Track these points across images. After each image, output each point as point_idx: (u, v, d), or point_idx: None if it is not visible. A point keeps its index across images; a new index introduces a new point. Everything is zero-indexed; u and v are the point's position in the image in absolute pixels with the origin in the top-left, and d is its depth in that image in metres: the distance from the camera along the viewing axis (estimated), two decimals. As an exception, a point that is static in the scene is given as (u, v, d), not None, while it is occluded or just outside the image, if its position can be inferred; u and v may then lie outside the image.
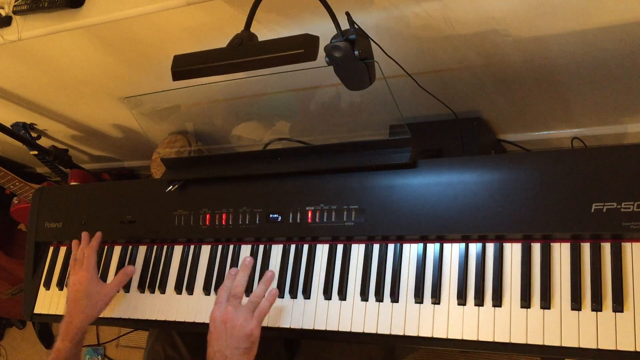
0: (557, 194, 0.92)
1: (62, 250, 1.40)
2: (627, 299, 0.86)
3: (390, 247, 1.04)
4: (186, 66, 0.92)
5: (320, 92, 1.38)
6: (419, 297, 0.99)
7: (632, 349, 0.83)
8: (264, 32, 1.14)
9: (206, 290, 1.17)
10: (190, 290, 1.19)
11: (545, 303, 0.90)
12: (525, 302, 0.92)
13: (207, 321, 1.14)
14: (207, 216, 1.20)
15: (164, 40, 1.25)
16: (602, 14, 1.01)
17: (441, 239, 1.01)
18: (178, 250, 1.24)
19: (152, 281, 1.24)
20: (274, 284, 1.09)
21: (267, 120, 1.53)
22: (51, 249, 1.41)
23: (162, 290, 1.22)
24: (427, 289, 0.99)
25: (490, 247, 0.97)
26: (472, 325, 0.94)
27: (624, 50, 1.12)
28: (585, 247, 0.91)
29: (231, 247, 1.19)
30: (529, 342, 0.89)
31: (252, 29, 0.92)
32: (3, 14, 1.28)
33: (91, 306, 1.14)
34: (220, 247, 1.20)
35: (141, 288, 1.25)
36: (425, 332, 0.96)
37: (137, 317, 1.22)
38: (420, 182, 1.02)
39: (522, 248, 0.95)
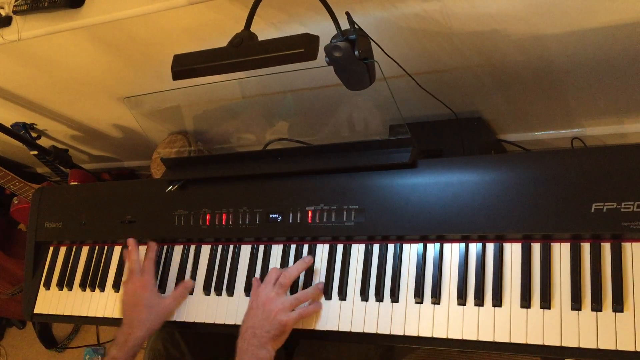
0: (557, 194, 0.92)
1: (62, 250, 1.40)
2: (627, 299, 0.86)
3: (390, 247, 1.04)
4: (186, 66, 0.92)
5: (320, 92, 1.38)
6: (419, 297, 0.99)
7: (632, 349, 0.83)
8: (264, 31, 1.14)
9: (206, 290, 1.17)
10: (190, 291, 1.19)
11: (545, 303, 0.90)
12: (525, 302, 0.92)
13: (207, 321, 1.15)
14: (207, 216, 1.20)
15: (164, 40, 1.25)
16: (602, 14, 1.01)
17: (441, 239, 1.01)
18: (178, 250, 1.24)
19: (152, 281, 1.24)
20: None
21: (267, 120, 1.54)
22: (51, 249, 1.41)
23: (162, 290, 1.22)
24: (427, 289, 0.99)
25: (490, 247, 0.97)
26: (472, 325, 0.94)
27: (624, 50, 1.12)
28: (585, 247, 0.91)
29: (231, 247, 1.19)
30: (529, 342, 0.89)
31: (252, 29, 0.92)
32: (3, 14, 1.28)
33: (152, 320, 1.13)
34: (220, 247, 1.20)
35: (141, 288, 1.24)
36: (425, 332, 0.96)
37: (137, 317, 1.22)
38: (420, 182, 1.02)
39: (522, 248, 0.95)
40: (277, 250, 1.14)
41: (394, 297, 1.01)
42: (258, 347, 0.97)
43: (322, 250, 1.10)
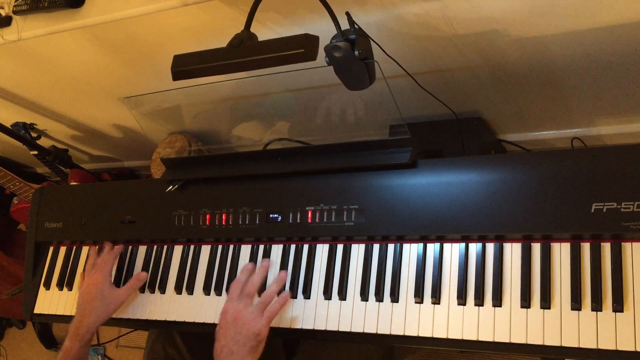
0: (557, 194, 0.92)
1: (62, 250, 1.40)
2: (627, 299, 0.86)
3: (390, 247, 1.04)
4: (186, 66, 0.92)
5: (320, 92, 1.38)
6: (419, 297, 0.99)
7: (632, 349, 0.83)
8: (264, 32, 1.14)
9: (206, 290, 1.17)
10: (190, 290, 1.19)
11: (545, 303, 0.90)
12: (525, 302, 0.92)
13: (207, 321, 1.15)
14: (207, 216, 1.20)
15: (164, 40, 1.25)
16: (602, 14, 1.01)
17: (441, 239, 1.01)
18: (178, 250, 1.24)
19: (152, 281, 1.24)
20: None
21: (267, 120, 1.54)
22: (51, 249, 1.41)
23: (162, 290, 1.22)
24: (427, 289, 0.99)
25: (490, 247, 0.97)
26: (472, 325, 0.94)
27: (624, 50, 1.12)
28: (585, 247, 0.91)
29: (231, 247, 1.19)
30: (529, 342, 0.89)
31: (252, 29, 0.92)
32: (3, 14, 1.28)
33: (103, 308, 1.17)
34: (220, 247, 1.20)
35: (141, 288, 1.24)
36: (425, 332, 0.96)
37: (137, 317, 1.22)
38: (420, 182, 1.02)
39: (522, 248, 0.95)
40: (277, 250, 1.14)
41: (394, 297, 1.01)
42: None
43: (322, 250, 1.10)
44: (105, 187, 1.39)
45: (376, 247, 1.06)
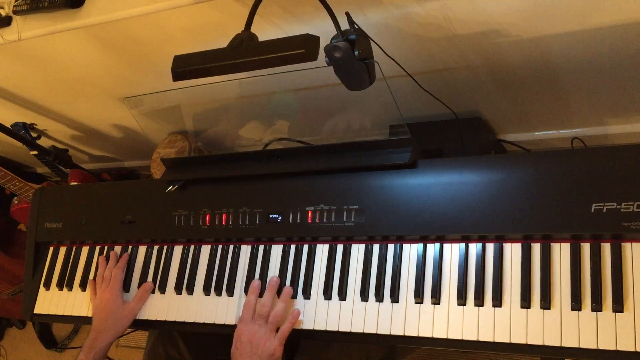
0: (557, 194, 0.92)
1: (62, 250, 1.40)
2: (627, 299, 0.86)
3: (390, 247, 1.05)
4: (186, 66, 0.92)
5: (320, 92, 1.38)
6: (419, 297, 0.99)
7: (632, 349, 0.83)
8: (264, 32, 1.14)
9: (206, 290, 1.17)
10: (190, 291, 1.19)
11: (545, 303, 0.90)
12: (525, 302, 0.92)
13: (207, 321, 1.15)
14: (207, 216, 1.20)
15: (164, 40, 1.25)
16: (602, 14, 1.01)
17: (441, 239, 1.01)
18: (178, 250, 1.24)
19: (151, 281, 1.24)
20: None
21: (267, 120, 1.53)
22: (51, 249, 1.41)
23: (162, 290, 1.22)
24: (427, 289, 0.99)
25: (490, 247, 0.97)
26: (472, 326, 0.94)
27: (623, 50, 1.12)
28: (585, 247, 0.91)
29: (231, 247, 1.19)
30: (529, 342, 0.89)
31: (253, 29, 0.92)
32: (3, 14, 1.28)
33: (116, 325, 1.19)
34: (220, 247, 1.20)
35: (141, 288, 1.25)
36: (425, 332, 0.96)
37: (137, 317, 1.22)
38: (420, 182, 1.02)
39: (522, 248, 0.95)
40: (277, 250, 1.14)
41: (394, 298, 1.01)
42: None
43: (322, 250, 1.10)
44: (105, 187, 1.39)
45: (376, 247, 1.06)
